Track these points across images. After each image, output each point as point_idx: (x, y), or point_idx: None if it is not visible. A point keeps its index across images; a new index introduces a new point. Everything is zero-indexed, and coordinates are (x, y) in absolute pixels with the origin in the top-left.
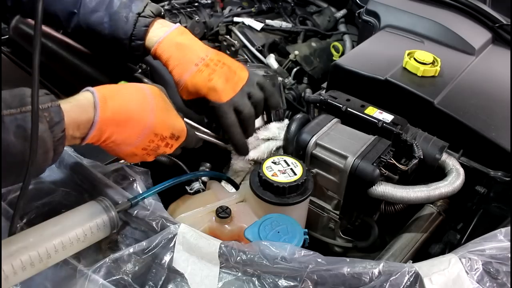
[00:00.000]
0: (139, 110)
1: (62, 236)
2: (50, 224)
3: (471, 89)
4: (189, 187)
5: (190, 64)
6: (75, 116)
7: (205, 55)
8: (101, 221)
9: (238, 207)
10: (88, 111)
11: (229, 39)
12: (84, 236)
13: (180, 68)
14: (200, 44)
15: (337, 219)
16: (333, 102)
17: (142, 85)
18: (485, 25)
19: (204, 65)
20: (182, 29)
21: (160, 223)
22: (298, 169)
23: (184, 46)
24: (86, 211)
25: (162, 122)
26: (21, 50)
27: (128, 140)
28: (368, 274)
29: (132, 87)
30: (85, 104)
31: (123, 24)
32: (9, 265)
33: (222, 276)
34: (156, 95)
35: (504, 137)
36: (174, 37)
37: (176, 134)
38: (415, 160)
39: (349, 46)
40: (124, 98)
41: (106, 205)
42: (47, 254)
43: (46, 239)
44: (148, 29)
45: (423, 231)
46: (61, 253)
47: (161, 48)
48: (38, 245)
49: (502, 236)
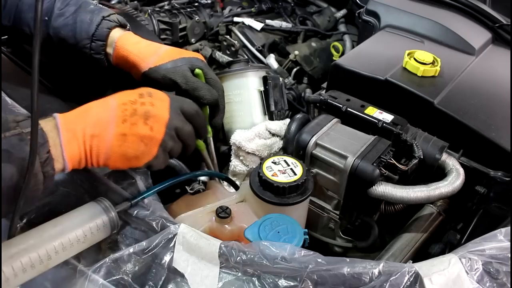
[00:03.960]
0: (97, 103)
1: (62, 237)
2: (50, 226)
3: (471, 89)
4: (189, 187)
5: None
6: (55, 136)
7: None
8: (101, 221)
9: (238, 207)
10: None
11: (229, 39)
12: (84, 237)
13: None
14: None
15: (337, 219)
16: (333, 102)
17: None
18: (485, 25)
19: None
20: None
21: (160, 223)
22: (298, 169)
23: (140, 42)
24: (86, 212)
25: (124, 93)
26: (21, 50)
27: (103, 120)
28: (368, 274)
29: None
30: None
31: (87, 26)
32: (10, 267)
33: (222, 276)
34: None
35: (504, 137)
36: (130, 37)
37: (145, 92)
38: (415, 160)
39: (349, 46)
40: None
41: (106, 205)
42: (47, 256)
43: (46, 240)
44: (110, 31)
45: (423, 231)
46: (61, 255)
47: (119, 45)
48: (38, 247)
49: (502, 236)
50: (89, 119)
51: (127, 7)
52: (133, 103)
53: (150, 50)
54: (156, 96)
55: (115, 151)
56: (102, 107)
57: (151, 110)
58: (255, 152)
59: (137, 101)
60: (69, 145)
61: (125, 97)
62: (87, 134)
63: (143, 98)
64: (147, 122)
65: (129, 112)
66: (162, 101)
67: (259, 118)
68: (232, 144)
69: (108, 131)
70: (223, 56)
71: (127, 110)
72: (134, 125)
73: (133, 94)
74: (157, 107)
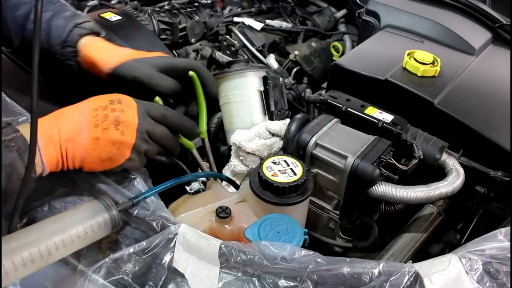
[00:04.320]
0: (69, 108)
1: (63, 233)
2: (51, 222)
3: (471, 89)
4: (189, 187)
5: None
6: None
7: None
8: (102, 219)
9: (238, 207)
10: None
11: (229, 39)
12: (85, 234)
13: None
14: (124, 49)
15: (337, 219)
16: (333, 102)
17: None
18: (485, 25)
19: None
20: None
21: (160, 223)
22: (298, 169)
23: (107, 48)
24: (87, 209)
25: (95, 98)
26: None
27: (77, 125)
28: (368, 274)
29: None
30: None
31: (59, 32)
32: (10, 261)
33: (222, 276)
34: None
35: (504, 137)
36: (99, 41)
37: (115, 98)
38: (415, 160)
39: (349, 46)
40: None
41: (108, 203)
42: (48, 251)
43: (47, 236)
44: (81, 38)
45: (423, 231)
46: (62, 251)
47: (86, 49)
48: (39, 242)
49: (502, 236)
50: (63, 123)
51: (127, 7)
52: (103, 109)
53: (113, 53)
54: (125, 102)
55: (89, 154)
56: (74, 112)
57: (121, 116)
58: (255, 152)
59: (108, 107)
60: (47, 149)
61: (96, 103)
62: (63, 138)
63: (113, 104)
64: (118, 127)
65: (100, 117)
66: (130, 107)
67: (259, 118)
68: (232, 144)
69: (82, 134)
70: (223, 56)
71: (98, 115)
72: (106, 130)
73: (104, 100)
74: (126, 113)
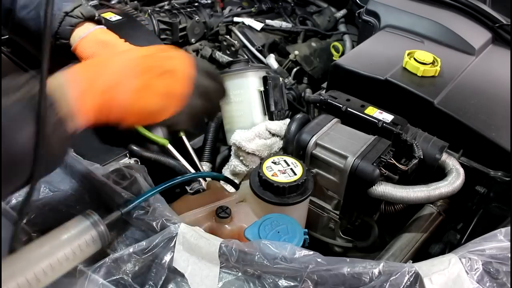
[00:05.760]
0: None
1: (50, 258)
2: (37, 246)
3: (471, 89)
4: (189, 187)
5: None
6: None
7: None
8: (90, 237)
9: (238, 207)
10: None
11: (229, 39)
12: (73, 254)
13: None
14: (127, 44)
15: (337, 219)
16: (333, 102)
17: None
18: (485, 25)
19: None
20: (106, 30)
21: (160, 223)
22: (298, 169)
23: (109, 44)
24: (73, 228)
25: (144, 48)
26: (21, 50)
27: (120, 74)
28: (368, 274)
29: None
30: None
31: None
32: None
33: (222, 276)
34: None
35: (504, 137)
36: (98, 35)
37: (169, 48)
38: (415, 160)
39: (349, 46)
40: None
41: (94, 219)
42: (36, 279)
43: (33, 263)
44: (74, 29)
45: (423, 231)
46: (50, 275)
47: (83, 44)
48: (26, 271)
49: (502, 236)
50: (106, 69)
51: (127, 7)
52: (154, 56)
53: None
54: (180, 52)
55: (134, 103)
56: (120, 58)
57: (177, 64)
58: (255, 152)
59: (159, 55)
60: (82, 98)
61: (147, 51)
62: (104, 86)
63: (166, 52)
64: (171, 76)
65: (151, 64)
66: (185, 58)
67: (259, 118)
68: (232, 144)
69: (128, 82)
70: (223, 56)
71: (149, 62)
72: (158, 78)
73: (154, 49)
74: (182, 62)
